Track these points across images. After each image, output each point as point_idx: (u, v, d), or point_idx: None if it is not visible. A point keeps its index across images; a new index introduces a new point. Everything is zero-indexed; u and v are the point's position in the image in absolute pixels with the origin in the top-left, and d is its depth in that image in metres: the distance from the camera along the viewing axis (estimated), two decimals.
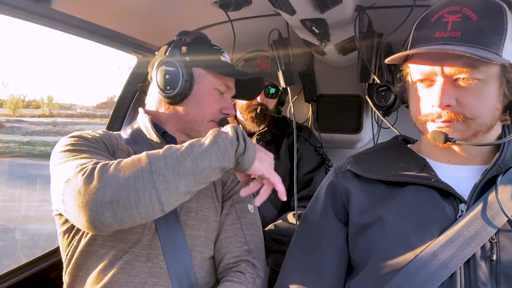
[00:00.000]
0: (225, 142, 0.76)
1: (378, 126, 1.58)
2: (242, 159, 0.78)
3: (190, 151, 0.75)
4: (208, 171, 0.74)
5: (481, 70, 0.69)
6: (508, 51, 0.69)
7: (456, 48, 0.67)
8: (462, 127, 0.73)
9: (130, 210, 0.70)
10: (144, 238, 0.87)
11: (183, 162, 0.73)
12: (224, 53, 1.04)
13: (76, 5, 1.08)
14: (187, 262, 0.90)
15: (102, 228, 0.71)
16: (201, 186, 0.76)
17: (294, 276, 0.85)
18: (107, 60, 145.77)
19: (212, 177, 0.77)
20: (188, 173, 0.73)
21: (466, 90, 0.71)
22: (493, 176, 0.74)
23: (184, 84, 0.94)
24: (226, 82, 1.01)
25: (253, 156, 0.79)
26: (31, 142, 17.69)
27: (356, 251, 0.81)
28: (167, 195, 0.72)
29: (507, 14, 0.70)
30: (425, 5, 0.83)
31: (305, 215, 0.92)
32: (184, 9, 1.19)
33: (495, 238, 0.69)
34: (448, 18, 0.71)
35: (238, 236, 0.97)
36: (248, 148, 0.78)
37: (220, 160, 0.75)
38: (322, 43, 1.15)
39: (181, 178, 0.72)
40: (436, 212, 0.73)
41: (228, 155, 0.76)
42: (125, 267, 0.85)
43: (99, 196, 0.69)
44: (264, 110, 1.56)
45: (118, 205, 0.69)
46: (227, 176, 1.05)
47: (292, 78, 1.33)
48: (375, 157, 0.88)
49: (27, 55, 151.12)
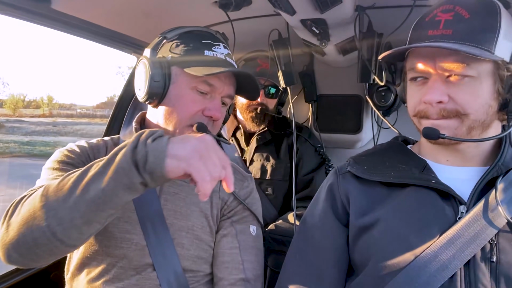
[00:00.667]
0: (121, 155, 0.66)
1: (378, 126, 1.59)
2: (149, 167, 0.65)
3: (83, 175, 0.68)
4: (104, 196, 0.65)
5: (473, 67, 0.70)
6: (502, 48, 0.70)
7: (444, 45, 0.69)
8: (455, 124, 0.73)
9: (32, 249, 0.68)
10: (131, 254, 0.86)
11: (74, 190, 0.66)
12: (215, 47, 0.93)
13: (76, 5, 1.08)
14: (181, 279, 0.88)
15: (21, 266, 0.73)
16: (109, 212, 0.68)
17: (294, 277, 0.84)
18: (107, 60, 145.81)
19: (117, 200, 0.66)
20: (80, 202, 0.65)
21: (458, 87, 0.71)
22: (493, 177, 0.74)
23: (153, 84, 0.87)
24: (207, 79, 0.89)
25: (160, 157, 0.65)
26: (31, 142, 17.69)
27: (356, 253, 0.81)
28: (63, 230, 0.66)
29: (501, 12, 0.71)
30: (425, 5, 0.83)
31: (305, 217, 0.92)
32: (184, 9, 1.19)
33: (495, 239, 0.69)
34: (441, 17, 0.73)
35: (235, 262, 0.92)
36: (151, 151, 0.65)
37: (114, 179, 0.65)
38: (322, 43, 1.15)
39: (72, 209, 0.66)
40: (436, 214, 0.73)
41: (123, 169, 0.65)
42: (114, 280, 0.85)
43: (4, 238, 0.69)
44: (264, 110, 1.56)
45: (19, 246, 0.68)
46: (227, 195, 0.98)
47: (292, 78, 1.33)
48: (375, 159, 0.88)
49: (27, 55, 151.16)
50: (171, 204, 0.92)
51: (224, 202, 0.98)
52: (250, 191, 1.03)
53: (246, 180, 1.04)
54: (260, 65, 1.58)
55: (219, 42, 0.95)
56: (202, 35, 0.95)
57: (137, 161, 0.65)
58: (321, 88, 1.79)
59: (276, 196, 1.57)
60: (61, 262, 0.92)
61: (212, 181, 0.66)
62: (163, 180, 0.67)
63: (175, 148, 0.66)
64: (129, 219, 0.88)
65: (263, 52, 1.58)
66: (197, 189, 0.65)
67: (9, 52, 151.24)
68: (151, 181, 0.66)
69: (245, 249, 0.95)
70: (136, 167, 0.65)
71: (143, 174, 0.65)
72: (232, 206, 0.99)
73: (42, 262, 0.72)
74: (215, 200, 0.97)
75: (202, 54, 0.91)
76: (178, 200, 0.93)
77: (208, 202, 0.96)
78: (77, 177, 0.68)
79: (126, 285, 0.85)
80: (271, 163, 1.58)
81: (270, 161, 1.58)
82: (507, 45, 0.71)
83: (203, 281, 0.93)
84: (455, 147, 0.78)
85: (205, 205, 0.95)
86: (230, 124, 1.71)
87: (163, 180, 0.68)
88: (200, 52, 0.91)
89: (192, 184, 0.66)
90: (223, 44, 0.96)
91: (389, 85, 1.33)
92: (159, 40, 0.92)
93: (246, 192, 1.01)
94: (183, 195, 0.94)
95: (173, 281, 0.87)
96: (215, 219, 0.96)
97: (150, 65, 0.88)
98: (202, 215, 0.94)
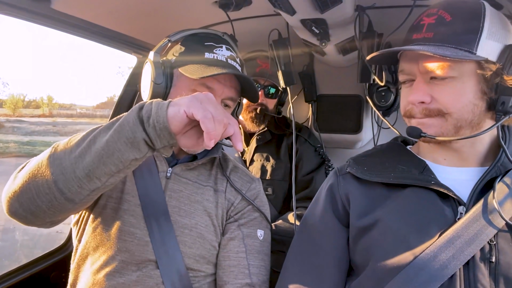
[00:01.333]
0: (129, 112, 0.69)
1: (378, 126, 1.58)
2: (152, 119, 0.66)
3: (92, 131, 0.71)
4: (108, 147, 0.67)
5: (454, 67, 0.72)
6: (485, 49, 0.71)
7: (416, 48, 0.72)
8: (439, 123, 0.75)
9: (33, 199, 0.71)
10: (133, 248, 0.87)
11: (81, 143, 0.69)
12: (217, 49, 0.94)
13: (76, 5, 1.08)
14: (184, 277, 0.88)
15: (20, 219, 0.76)
16: (111, 168, 0.68)
17: (294, 277, 0.84)
18: (107, 60, 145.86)
19: (119, 155, 0.67)
20: (84, 152, 0.68)
21: (440, 87, 0.74)
22: (492, 178, 0.74)
23: (156, 86, 0.89)
24: (205, 82, 0.90)
25: (163, 108, 0.66)
26: (31, 142, 17.68)
27: (357, 253, 0.81)
28: (64, 180, 0.69)
29: (485, 13, 0.73)
30: (425, 5, 0.83)
31: (305, 217, 0.92)
32: (184, 9, 1.19)
33: (494, 240, 0.69)
34: (425, 20, 0.76)
35: (241, 266, 0.92)
36: (154, 106, 0.67)
37: (118, 132, 0.67)
38: (322, 43, 1.15)
39: (77, 159, 0.68)
40: (435, 215, 0.74)
41: (127, 122, 0.67)
42: (115, 274, 0.86)
43: (9, 188, 0.74)
44: (264, 110, 1.56)
45: (22, 194, 0.72)
46: (234, 196, 0.99)
47: (292, 78, 1.33)
48: (375, 159, 0.88)
49: (27, 55, 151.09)
50: (175, 201, 0.92)
51: (230, 204, 0.98)
52: (257, 193, 1.03)
53: (254, 182, 1.04)
54: (260, 66, 1.58)
55: (222, 44, 0.96)
56: (205, 37, 0.96)
57: (142, 116, 0.67)
58: (321, 88, 1.79)
59: (276, 196, 1.57)
60: (61, 262, 0.92)
61: (218, 124, 0.64)
62: (167, 135, 0.66)
63: (176, 100, 0.68)
64: (134, 213, 0.89)
65: (263, 53, 1.58)
66: (204, 135, 0.63)
67: (9, 52, 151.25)
68: (155, 138, 0.66)
69: (252, 253, 0.94)
70: (141, 123, 0.66)
71: (147, 129, 0.66)
72: (239, 208, 0.99)
73: (41, 216, 0.74)
74: (221, 200, 0.97)
75: (202, 56, 0.92)
76: (182, 198, 0.93)
77: (213, 201, 0.96)
78: (86, 133, 0.72)
79: (127, 281, 0.85)
80: (271, 163, 1.58)
81: (270, 161, 1.58)
82: (492, 45, 0.72)
83: (205, 282, 0.93)
84: (450, 147, 0.79)
85: (209, 204, 0.95)
86: None
87: (169, 136, 0.66)
88: (201, 54, 0.92)
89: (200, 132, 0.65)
90: (226, 46, 0.96)
91: (389, 85, 1.33)
92: (163, 43, 0.94)
93: (253, 194, 1.02)
94: (187, 193, 0.94)
95: (177, 281, 0.87)
96: (220, 219, 0.96)
97: (153, 68, 0.90)
98: (206, 213, 0.94)
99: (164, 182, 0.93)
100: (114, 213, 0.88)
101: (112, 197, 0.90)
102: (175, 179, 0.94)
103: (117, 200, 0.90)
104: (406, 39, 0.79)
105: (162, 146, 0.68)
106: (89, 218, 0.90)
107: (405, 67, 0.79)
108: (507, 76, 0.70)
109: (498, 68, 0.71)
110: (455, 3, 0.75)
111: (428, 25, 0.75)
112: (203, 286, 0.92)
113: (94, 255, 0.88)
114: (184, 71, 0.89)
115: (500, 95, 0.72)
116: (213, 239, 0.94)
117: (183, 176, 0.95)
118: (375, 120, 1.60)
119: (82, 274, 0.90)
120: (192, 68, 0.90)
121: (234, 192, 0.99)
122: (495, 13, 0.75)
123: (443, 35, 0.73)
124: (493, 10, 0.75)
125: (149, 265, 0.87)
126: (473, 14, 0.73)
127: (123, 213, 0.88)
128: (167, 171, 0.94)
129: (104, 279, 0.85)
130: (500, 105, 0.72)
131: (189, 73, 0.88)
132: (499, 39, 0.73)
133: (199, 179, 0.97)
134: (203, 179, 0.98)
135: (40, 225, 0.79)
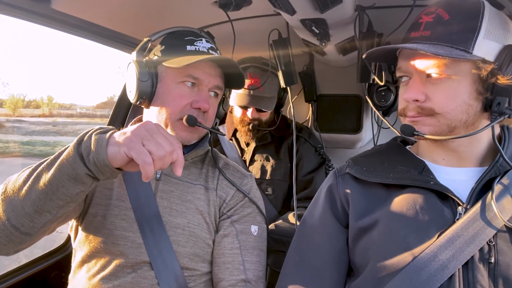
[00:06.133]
0: (69, 148, 0.71)
1: (378, 126, 1.59)
2: (92, 156, 0.67)
3: (37, 166, 0.73)
4: (51, 185, 0.69)
5: (450, 66, 0.71)
6: (482, 48, 0.71)
7: (408, 46, 0.72)
8: (432, 122, 0.75)
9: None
10: (127, 251, 0.87)
11: (27, 180, 0.72)
12: (197, 42, 0.95)
13: (76, 5, 1.08)
14: (179, 277, 0.89)
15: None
16: (58, 202, 0.71)
17: (294, 278, 0.85)
18: (107, 60, 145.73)
19: (64, 190, 0.69)
20: (30, 190, 0.70)
21: (435, 86, 0.73)
22: (491, 178, 0.74)
23: (141, 84, 0.89)
24: (190, 73, 0.90)
25: (102, 145, 0.67)
26: (31, 142, 17.68)
27: (356, 254, 0.81)
28: (16, 217, 0.71)
29: (483, 12, 0.72)
30: (425, 5, 0.83)
31: (305, 218, 0.92)
32: (184, 9, 1.19)
33: (493, 241, 0.69)
34: (423, 19, 0.76)
35: (236, 263, 0.92)
36: (93, 142, 0.68)
37: (59, 170, 0.69)
38: (322, 43, 1.15)
39: (24, 198, 0.71)
40: (434, 215, 0.73)
41: (67, 159, 0.68)
42: (110, 278, 0.87)
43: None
44: (256, 126, 1.55)
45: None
46: (226, 193, 0.99)
47: (292, 78, 1.33)
48: (374, 160, 0.88)
49: (27, 55, 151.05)
50: (166, 201, 0.93)
51: (222, 200, 0.98)
52: (249, 188, 1.03)
53: (246, 178, 1.04)
54: (249, 81, 1.51)
55: (202, 38, 0.97)
56: (184, 33, 0.98)
57: (81, 152, 0.68)
58: (321, 88, 1.79)
59: (276, 196, 1.57)
60: (61, 262, 0.92)
61: (159, 161, 0.67)
62: (110, 170, 0.69)
63: (116, 136, 0.69)
64: (126, 217, 0.89)
65: (253, 63, 1.53)
66: (142, 175, 0.66)
67: (9, 52, 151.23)
68: (98, 172, 0.69)
69: (246, 249, 0.95)
70: (81, 159, 0.68)
71: (88, 165, 0.68)
72: (232, 204, 0.99)
73: (2, 248, 0.76)
74: (212, 197, 0.97)
75: (184, 49, 0.93)
76: (173, 198, 0.93)
77: (204, 199, 0.96)
78: (32, 169, 0.74)
79: (122, 283, 0.86)
80: (271, 163, 1.58)
81: (270, 161, 1.58)
82: (491, 45, 0.71)
83: (201, 281, 0.93)
84: (448, 146, 0.79)
85: (201, 202, 0.95)
86: (230, 125, 1.71)
87: (111, 171, 0.69)
88: (182, 47, 0.93)
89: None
90: (205, 39, 0.98)
91: (389, 85, 1.33)
92: (144, 42, 0.95)
93: (245, 190, 1.02)
94: (178, 193, 0.94)
95: (172, 281, 0.87)
96: (213, 216, 0.96)
97: (136, 67, 0.90)
98: (198, 212, 0.94)
99: (154, 184, 0.94)
100: (105, 219, 0.89)
101: (101, 204, 0.91)
102: (165, 180, 0.95)
103: (106, 207, 0.90)
104: (405, 37, 0.79)
105: (106, 178, 0.71)
106: (81, 227, 0.91)
107: (402, 65, 0.78)
108: (502, 76, 0.70)
109: (493, 68, 0.70)
110: (454, 2, 0.75)
111: (426, 23, 0.75)
112: (199, 285, 0.92)
113: (89, 262, 0.90)
114: (169, 64, 0.89)
115: (496, 95, 0.71)
116: (206, 237, 0.94)
117: (173, 176, 0.96)
118: (375, 120, 1.60)
119: (78, 282, 0.91)
120: (176, 60, 0.90)
121: (226, 189, 0.99)
122: (495, 12, 0.74)
123: (440, 33, 0.72)
124: (493, 9, 0.74)
125: (144, 266, 0.87)
126: (472, 13, 0.72)
127: (114, 218, 0.89)
128: (156, 173, 0.95)
129: (99, 283, 0.86)
130: (496, 105, 0.71)
131: (175, 64, 0.88)
132: (498, 39, 0.72)
133: (189, 178, 0.98)
134: (193, 177, 0.98)
135: (5, 254, 0.79)
